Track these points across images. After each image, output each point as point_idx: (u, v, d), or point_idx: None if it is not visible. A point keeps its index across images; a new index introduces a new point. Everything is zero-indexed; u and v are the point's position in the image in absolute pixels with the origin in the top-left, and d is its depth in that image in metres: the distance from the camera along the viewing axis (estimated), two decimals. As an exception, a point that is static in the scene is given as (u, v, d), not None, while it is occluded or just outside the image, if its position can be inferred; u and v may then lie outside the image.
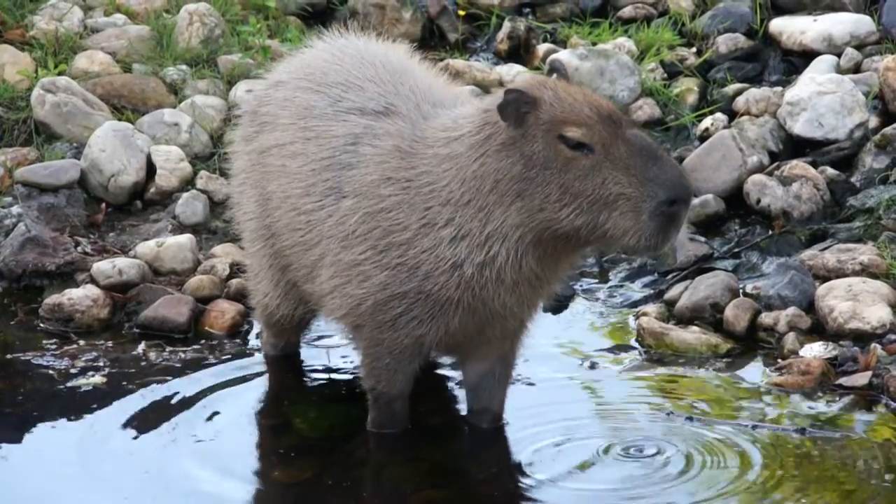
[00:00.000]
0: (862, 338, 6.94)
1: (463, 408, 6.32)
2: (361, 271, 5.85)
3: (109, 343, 7.14)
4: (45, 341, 7.15)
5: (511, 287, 5.74)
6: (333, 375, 6.85)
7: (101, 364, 6.91)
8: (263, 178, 6.30)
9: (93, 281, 7.52)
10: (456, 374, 6.64)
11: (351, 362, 6.89)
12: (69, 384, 6.72)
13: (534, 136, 5.58)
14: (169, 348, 7.09)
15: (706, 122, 8.63)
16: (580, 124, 5.53)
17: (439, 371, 6.82)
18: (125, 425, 6.34)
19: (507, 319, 5.91)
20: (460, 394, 6.37)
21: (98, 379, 6.77)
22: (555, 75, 5.79)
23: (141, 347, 7.09)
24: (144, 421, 6.37)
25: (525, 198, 5.58)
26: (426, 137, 5.83)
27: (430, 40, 9.76)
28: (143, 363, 6.94)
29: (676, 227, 5.51)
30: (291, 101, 6.26)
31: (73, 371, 6.83)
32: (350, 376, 6.81)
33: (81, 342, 7.14)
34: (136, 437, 6.24)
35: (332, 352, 7.03)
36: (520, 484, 5.90)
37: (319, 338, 7.13)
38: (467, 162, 5.68)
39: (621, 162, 5.49)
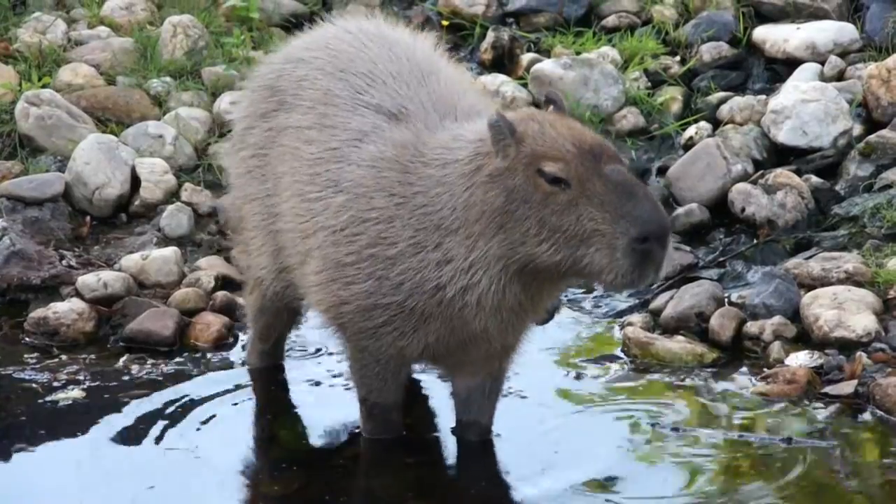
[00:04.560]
0: (847, 346, 6.94)
1: (451, 419, 6.31)
2: (346, 274, 5.81)
3: (93, 356, 7.12)
4: (27, 355, 7.12)
5: (492, 312, 5.71)
6: (319, 387, 6.83)
7: (83, 378, 6.88)
8: (277, 158, 6.17)
9: (78, 294, 7.51)
10: (445, 386, 6.62)
11: (337, 375, 6.89)
12: (49, 398, 6.68)
13: (515, 169, 5.53)
14: (152, 361, 7.06)
15: (690, 131, 8.64)
16: (558, 159, 5.47)
17: (428, 382, 6.82)
18: (104, 440, 6.30)
19: (490, 343, 5.88)
20: (449, 405, 6.35)
21: (78, 393, 6.73)
22: (551, 107, 5.75)
23: (123, 361, 7.07)
24: (125, 435, 6.34)
25: (507, 231, 5.54)
26: (425, 154, 5.76)
27: (414, 51, 9.75)
28: (126, 377, 6.91)
29: (654, 265, 5.41)
30: (312, 82, 6.14)
31: (54, 385, 6.80)
32: (336, 388, 6.80)
33: (64, 356, 7.11)
34: (116, 452, 6.21)
35: (317, 364, 7.02)
36: (508, 497, 5.90)
37: (303, 350, 7.13)
38: (459, 190, 5.64)
39: (597, 198, 5.41)
